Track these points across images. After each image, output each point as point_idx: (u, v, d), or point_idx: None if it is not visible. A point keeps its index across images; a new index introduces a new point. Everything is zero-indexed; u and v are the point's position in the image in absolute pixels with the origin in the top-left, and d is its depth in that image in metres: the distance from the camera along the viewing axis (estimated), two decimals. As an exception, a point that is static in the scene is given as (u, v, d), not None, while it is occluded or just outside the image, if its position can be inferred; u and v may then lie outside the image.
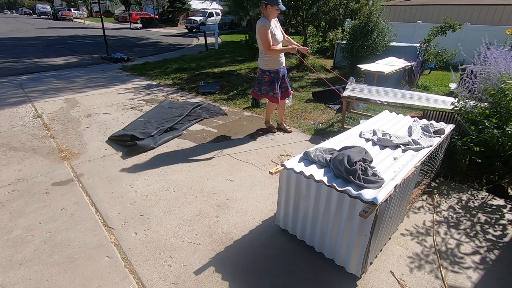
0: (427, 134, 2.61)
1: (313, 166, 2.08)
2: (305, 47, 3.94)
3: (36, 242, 2.33)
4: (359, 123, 3.63)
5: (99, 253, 2.24)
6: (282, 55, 3.94)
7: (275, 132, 4.43)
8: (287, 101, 5.61)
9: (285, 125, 4.52)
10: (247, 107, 5.60)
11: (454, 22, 6.92)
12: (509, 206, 2.83)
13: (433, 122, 2.85)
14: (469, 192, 3.04)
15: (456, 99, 3.18)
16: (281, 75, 4.03)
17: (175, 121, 4.63)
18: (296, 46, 3.86)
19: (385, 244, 2.31)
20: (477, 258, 2.22)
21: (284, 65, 4.04)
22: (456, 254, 2.25)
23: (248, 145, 4.02)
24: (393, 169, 2.05)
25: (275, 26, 3.81)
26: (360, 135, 2.60)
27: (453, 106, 3.22)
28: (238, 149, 3.92)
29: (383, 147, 2.40)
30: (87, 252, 2.25)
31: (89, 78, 7.88)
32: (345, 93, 4.19)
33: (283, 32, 4.02)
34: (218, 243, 2.34)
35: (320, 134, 4.36)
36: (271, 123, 4.52)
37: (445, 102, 3.69)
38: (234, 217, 2.64)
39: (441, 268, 2.13)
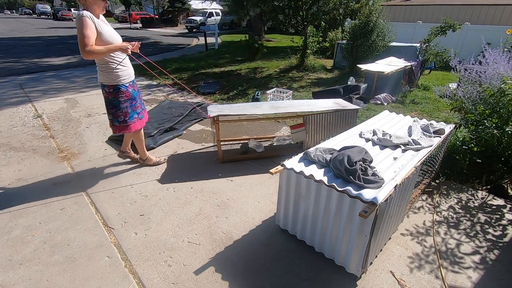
0: (427, 134, 2.61)
1: (313, 166, 2.08)
2: (135, 43, 2.90)
3: (36, 242, 2.33)
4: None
5: (99, 253, 2.24)
6: (128, 61, 2.97)
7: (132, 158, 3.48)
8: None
9: (132, 154, 3.49)
10: (247, 107, 5.59)
11: (454, 22, 6.93)
12: (509, 206, 2.83)
13: (433, 122, 2.85)
14: (469, 192, 3.04)
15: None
16: (137, 88, 3.11)
17: (175, 121, 4.63)
18: (129, 45, 2.74)
19: (385, 244, 2.31)
20: (477, 258, 2.22)
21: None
22: (456, 254, 2.26)
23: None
24: (393, 169, 2.05)
25: (106, 23, 2.80)
26: (360, 135, 2.60)
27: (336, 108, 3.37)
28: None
29: (383, 147, 2.40)
30: (87, 252, 2.25)
31: (89, 78, 7.87)
32: (212, 115, 3.34)
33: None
34: (218, 243, 2.34)
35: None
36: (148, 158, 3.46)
37: (318, 106, 3.64)
38: (234, 217, 2.64)
39: (441, 268, 2.13)
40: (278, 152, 3.78)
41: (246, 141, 3.93)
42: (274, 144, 4.03)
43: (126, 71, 2.89)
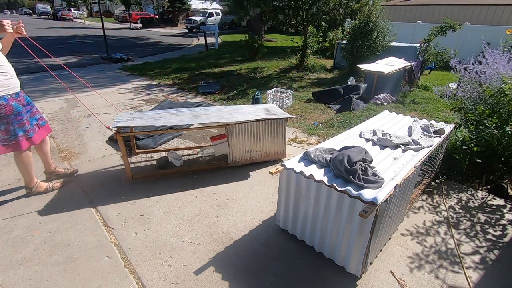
0: (427, 134, 2.61)
1: (313, 166, 2.08)
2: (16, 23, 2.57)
3: (36, 242, 2.33)
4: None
5: (99, 253, 2.24)
6: (11, 70, 2.63)
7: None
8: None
9: (60, 169, 3.13)
10: (247, 107, 5.60)
11: (454, 22, 6.93)
12: (509, 206, 2.83)
13: (433, 122, 2.85)
14: (469, 192, 3.04)
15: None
16: (24, 101, 2.69)
17: (175, 121, 4.62)
18: (5, 21, 2.41)
19: (385, 244, 2.31)
20: (477, 258, 2.22)
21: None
22: (456, 254, 2.26)
23: (248, 145, 4.02)
24: (393, 169, 2.05)
25: None
26: (360, 135, 2.60)
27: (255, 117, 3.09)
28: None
29: (383, 147, 2.40)
30: (87, 252, 2.25)
31: (89, 78, 7.88)
32: (117, 124, 2.92)
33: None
34: (218, 243, 2.34)
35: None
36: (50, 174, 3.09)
37: (247, 113, 3.37)
38: (234, 217, 2.64)
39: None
40: (200, 166, 3.48)
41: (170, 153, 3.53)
42: (202, 156, 3.69)
43: (5, 81, 2.47)
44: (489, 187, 3.08)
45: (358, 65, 6.40)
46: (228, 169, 3.41)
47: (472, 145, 3.01)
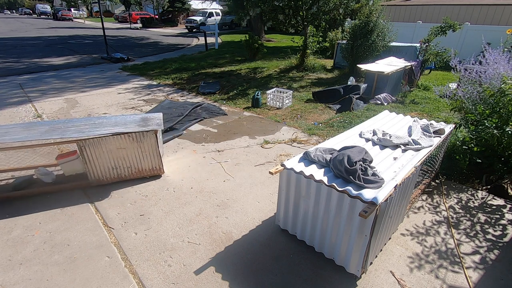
0: (427, 134, 2.61)
1: (313, 166, 2.08)
2: None
3: (36, 242, 2.33)
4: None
5: (99, 253, 2.24)
6: None
7: None
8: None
9: None
10: (247, 107, 5.60)
11: (454, 22, 6.92)
12: (509, 206, 2.83)
13: (433, 122, 2.85)
14: (469, 192, 3.04)
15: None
16: None
17: (175, 121, 4.63)
18: None
19: (385, 244, 2.31)
20: (477, 258, 2.22)
21: None
22: (456, 254, 2.26)
23: (248, 145, 4.02)
24: (393, 169, 2.05)
25: None
26: (360, 135, 2.60)
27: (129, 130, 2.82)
28: (238, 149, 3.92)
29: (383, 147, 2.40)
30: (87, 252, 2.25)
31: (89, 78, 7.88)
32: None
33: None
34: (218, 243, 2.34)
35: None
36: None
37: (116, 126, 3.06)
38: (234, 217, 2.64)
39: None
40: (54, 186, 3.02)
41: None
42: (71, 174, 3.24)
43: None
44: (489, 187, 3.08)
45: (358, 65, 6.40)
46: (88, 189, 3.04)
47: (472, 145, 3.01)
